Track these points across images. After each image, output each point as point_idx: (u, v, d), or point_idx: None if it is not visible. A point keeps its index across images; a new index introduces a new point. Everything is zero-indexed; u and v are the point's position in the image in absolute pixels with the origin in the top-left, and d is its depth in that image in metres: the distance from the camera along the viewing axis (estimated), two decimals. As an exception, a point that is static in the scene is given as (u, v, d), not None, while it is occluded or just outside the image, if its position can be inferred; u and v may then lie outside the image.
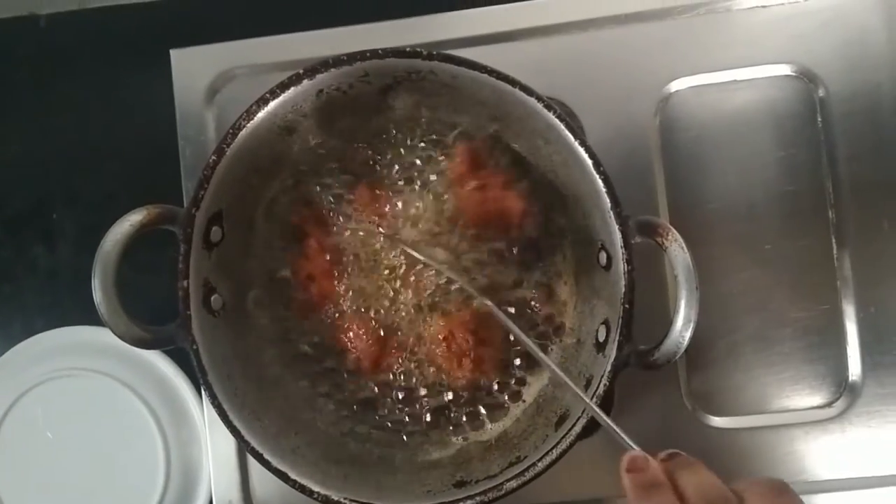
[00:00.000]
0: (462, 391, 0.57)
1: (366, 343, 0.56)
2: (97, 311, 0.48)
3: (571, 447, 0.47)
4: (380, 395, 0.57)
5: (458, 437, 0.56)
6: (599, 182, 0.47)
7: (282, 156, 0.54)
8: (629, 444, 0.44)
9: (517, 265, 0.57)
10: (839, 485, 0.60)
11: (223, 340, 0.52)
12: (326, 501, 0.48)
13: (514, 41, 0.62)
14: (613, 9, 0.62)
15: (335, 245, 0.57)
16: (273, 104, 0.50)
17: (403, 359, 0.57)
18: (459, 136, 0.56)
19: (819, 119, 0.62)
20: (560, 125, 0.48)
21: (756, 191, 0.62)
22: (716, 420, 0.61)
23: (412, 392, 0.57)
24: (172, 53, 0.64)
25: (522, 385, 0.57)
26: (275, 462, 0.49)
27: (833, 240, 0.61)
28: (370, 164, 0.57)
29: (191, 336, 0.49)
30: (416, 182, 0.57)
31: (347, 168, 0.57)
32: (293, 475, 0.49)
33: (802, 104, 0.62)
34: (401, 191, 0.57)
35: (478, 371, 0.56)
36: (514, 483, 0.48)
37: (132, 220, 0.48)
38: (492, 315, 0.56)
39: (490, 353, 0.56)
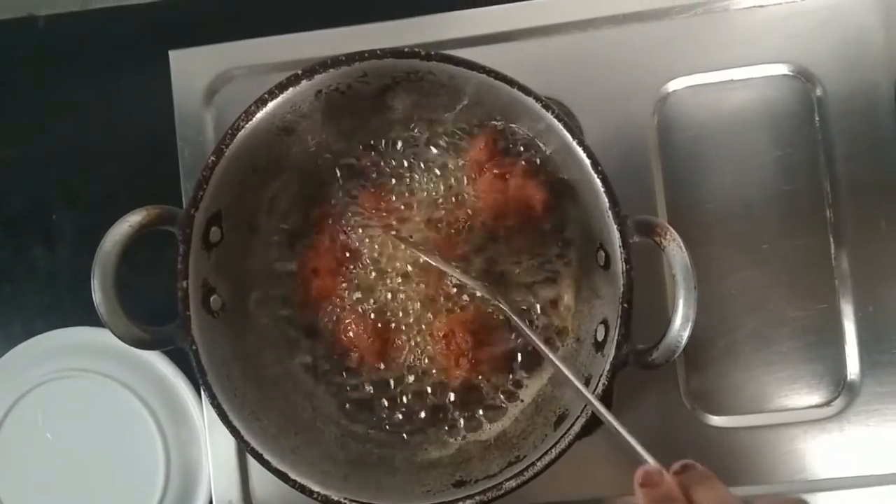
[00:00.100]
0: (461, 391, 0.57)
1: (366, 342, 0.56)
2: (97, 312, 0.48)
3: (570, 446, 0.47)
4: (379, 395, 0.57)
5: (458, 437, 0.56)
6: (598, 182, 0.47)
7: (281, 156, 0.54)
8: (644, 457, 0.42)
9: (533, 259, 0.57)
10: (838, 483, 0.60)
11: (222, 341, 0.52)
12: (326, 501, 0.48)
13: (513, 41, 0.62)
14: (611, 9, 0.62)
15: (343, 244, 0.57)
16: (272, 105, 0.50)
17: (403, 358, 0.57)
18: (463, 131, 0.56)
19: (816, 118, 0.62)
20: (558, 125, 0.48)
21: (754, 190, 0.62)
22: (715, 419, 0.61)
23: (412, 392, 0.57)
24: (171, 54, 0.64)
25: (520, 387, 0.57)
26: (274, 462, 0.49)
27: (831, 239, 0.61)
28: (370, 164, 0.58)
29: (190, 336, 0.49)
30: (422, 178, 0.57)
31: (347, 169, 0.58)
32: (293, 475, 0.49)
33: (800, 104, 0.62)
34: (403, 189, 0.57)
35: (475, 371, 0.56)
36: (514, 482, 0.48)
37: (131, 221, 0.48)
38: (492, 317, 0.56)
39: (488, 354, 0.56)
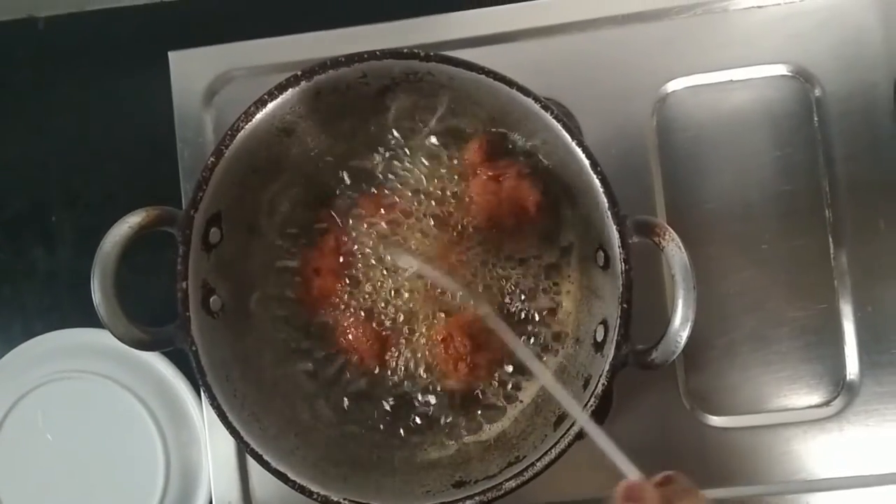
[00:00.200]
0: (460, 392, 0.57)
1: (366, 344, 0.56)
2: (96, 313, 0.48)
3: (570, 447, 0.47)
4: (379, 396, 0.57)
5: (457, 438, 0.56)
6: (597, 182, 0.47)
7: (280, 157, 0.54)
8: (627, 469, 0.43)
9: (532, 261, 0.57)
10: (837, 483, 0.60)
11: (222, 342, 0.52)
12: (326, 502, 0.48)
13: (512, 42, 0.62)
14: (611, 10, 0.62)
15: (342, 245, 0.57)
16: (271, 106, 0.50)
17: (403, 360, 0.57)
18: (460, 134, 0.56)
19: (815, 119, 0.62)
20: (558, 126, 0.48)
21: (753, 190, 0.62)
22: (714, 419, 0.61)
23: (411, 393, 0.57)
24: (171, 55, 0.64)
25: (519, 389, 0.57)
26: (274, 463, 0.49)
27: (830, 239, 0.61)
28: (370, 166, 0.58)
29: (190, 337, 0.49)
30: (420, 179, 0.57)
31: (347, 170, 0.58)
32: (293, 476, 0.49)
33: (799, 104, 0.62)
34: (401, 191, 0.57)
35: (474, 374, 0.56)
36: (514, 483, 0.48)
37: (131, 222, 0.48)
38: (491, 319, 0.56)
39: (487, 358, 0.56)
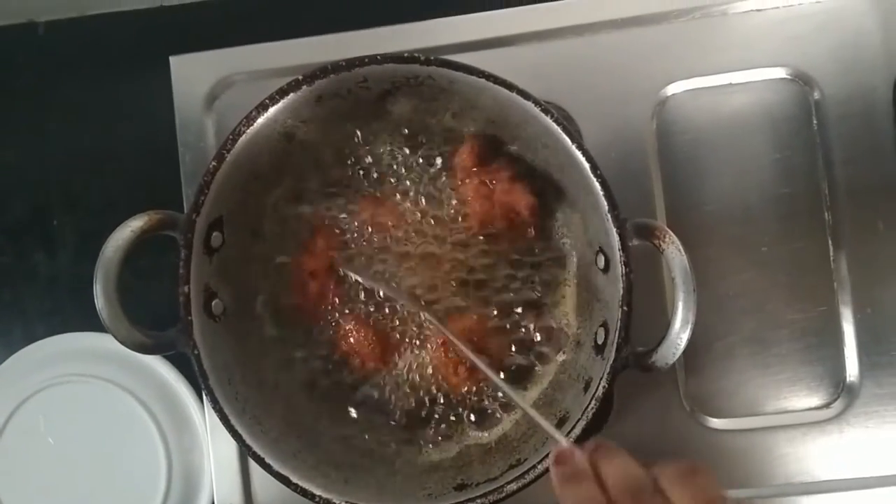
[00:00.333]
0: (460, 395, 0.57)
1: (367, 347, 0.56)
2: (98, 317, 0.48)
3: (571, 449, 0.47)
4: (379, 399, 0.57)
5: (458, 441, 0.56)
6: (597, 185, 0.47)
7: (282, 162, 0.54)
8: (557, 438, 0.45)
9: (528, 265, 0.57)
10: (837, 485, 0.60)
11: (224, 345, 0.52)
12: (327, 505, 0.48)
13: (512, 46, 0.63)
14: (610, 13, 0.62)
15: (342, 248, 0.57)
16: (272, 110, 0.50)
17: (403, 363, 0.57)
18: (459, 137, 0.56)
19: (814, 122, 0.62)
20: (557, 129, 0.48)
21: (752, 193, 0.62)
22: (714, 422, 0.61)
23: (411, 395, 0.57)
24: (172, 60, 0.64)
25: (519, 391, 0.57)
26: (276, 466, 0.49)
27: (829, 241, 0.61)
28: (370, 169, 0.58)
29: (192, 341, 0.49)
30: (420, 182, 0.57)
31: (348, 172, 0.58)
32: (295, 479, 0.49)
33: (798, 107, 0.62)
34: (401, 194, 0.57)
35: (473, 379, 0.56)
36: (515, 485, 0.48)
37: (133, 226, 0.48)
38: (489, 322, 0.56)
39: (486, 361, 0.56)
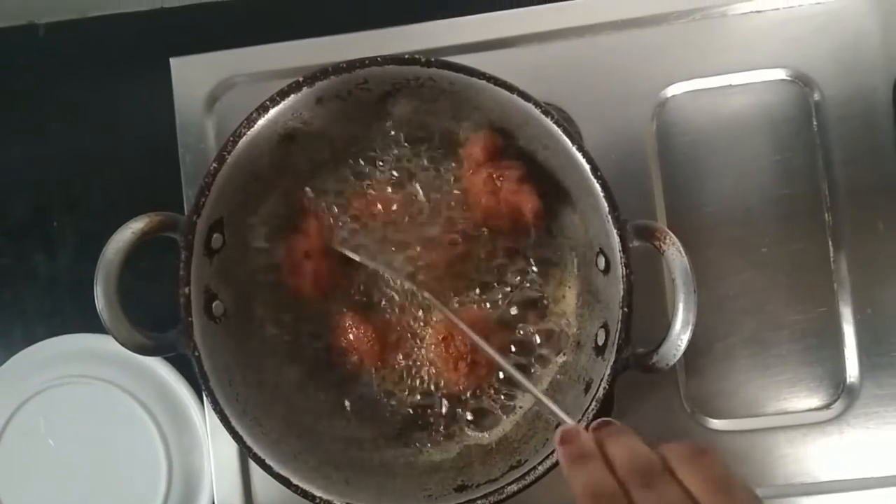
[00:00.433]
0: (461, 395, 0.57)
1: (366, 345, 0.56)
2: (98, 319, 0.48)
3: (572, 450, 0.47)
4: (379, 399, 0.57)
5: (459, 441, 0.57)
6: (597, 187, 0.48)
7: (282, 163, 0.54)
8: (563, 418, 0.45)
9: (528, 266, 0.57)
10: (838, 486, 0.60)
11: (224, 347, 0.52)
12: (328, 506, 0.48)
13: (512, 48, 0.63)
14: (610, 15, 0.62)
15: (342, 246, 0.57)
16: (273, 112, 0.50)
17: (403, 361, 0.57)
18: (460, 139, 0.56)
19: (814, 123, 0.62)
20: (558, 131, 0.48)
21: (752, 194, 0.62)
22: (714, 422, 0.61)
23: (412, 395, 0.57)
24: (172, 62, 0.64)
25: (520, 391, 0.57)
26: (277, 467, 0.49)
27: (829, 242, 0.61)
28: (370, 170, 0.58)
29: (192, 342, 0.49)
30: (420, 184, 0.57)
31: (348, 174, 0.58)
32: (295, 480, 0.49)
33: (798, 108, 0.62)
34: (401, 195, 0.57)
35: (473, 375, 0.56)
36: (515, 486, 0.48)
37: (134, 228, 0.48)
38: (489, 320, 0.56)
39: (487, 358, 0.56)
